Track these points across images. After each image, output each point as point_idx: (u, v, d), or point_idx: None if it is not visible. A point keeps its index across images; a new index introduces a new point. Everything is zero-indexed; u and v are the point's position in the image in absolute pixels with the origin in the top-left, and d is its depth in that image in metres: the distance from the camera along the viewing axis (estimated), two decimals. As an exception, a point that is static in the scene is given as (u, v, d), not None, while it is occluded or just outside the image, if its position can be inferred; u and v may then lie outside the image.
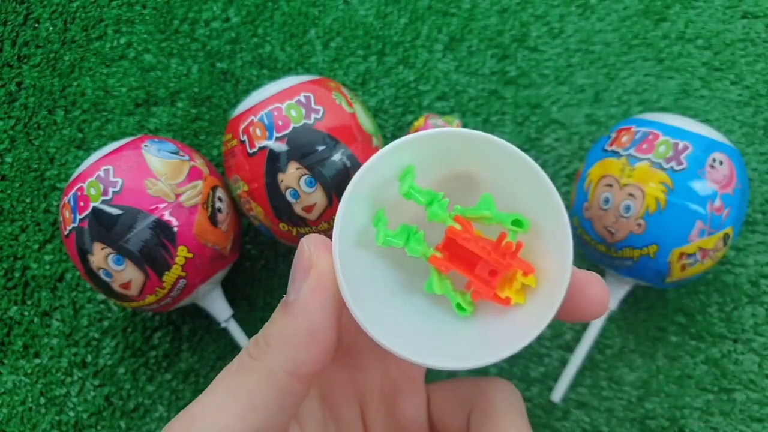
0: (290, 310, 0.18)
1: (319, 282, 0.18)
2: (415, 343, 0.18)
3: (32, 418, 0.37)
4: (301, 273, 0.18)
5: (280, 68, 0.41)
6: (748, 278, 0.37)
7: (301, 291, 0.18)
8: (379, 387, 0.22)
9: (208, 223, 0.32)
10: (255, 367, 0.18)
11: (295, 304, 0.18)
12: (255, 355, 0.18)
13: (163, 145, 0.33)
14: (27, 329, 0.39)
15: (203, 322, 0.38)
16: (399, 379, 0.22)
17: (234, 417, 0.17)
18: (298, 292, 0.18)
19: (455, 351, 0.18)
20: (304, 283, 0.18)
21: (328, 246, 0.18)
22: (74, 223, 0.31)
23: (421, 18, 0.42)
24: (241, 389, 0.18)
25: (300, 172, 0.31)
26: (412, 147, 0.18)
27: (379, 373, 0.23)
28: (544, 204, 0.18)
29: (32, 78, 0.42)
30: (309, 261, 0.18)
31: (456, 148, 0.19)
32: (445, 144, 0.19)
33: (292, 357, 0.18)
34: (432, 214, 0.18)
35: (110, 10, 0.43)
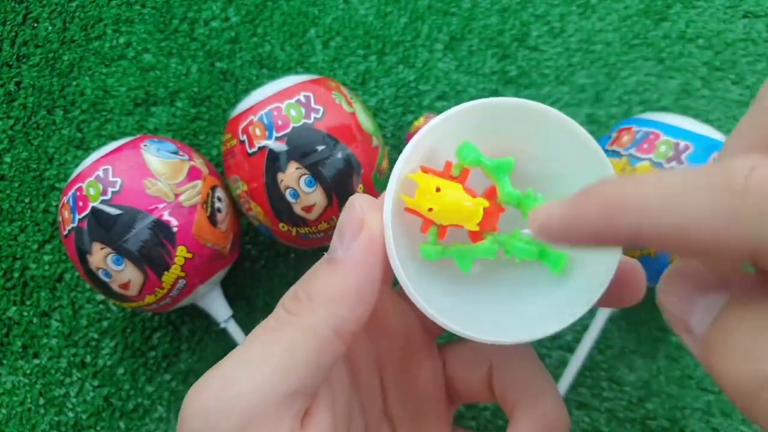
0: (338, 267, 0.17)
1: (371, 241, 0.17)
2: (467, 319, 0.18)
3: (31, 419, 0.37)
4: (352, 230, 0.17)
5: (279, 68, 0.41)
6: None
7: (352, 248, 0.17)
8: (399, 353, 0.22)
9: (208, 223, 0.32)
10: (296, 323, 0.17)
11: (345, 262, 0.17)
12: (296, 310, 0.17)
13: (163, 144, 0.33)
14: (26, 329, 0.38)
15: (203, 323, 0.38)
16: (418, 344, 0.22)
17: (274, 373, 0.16)
18: (348, 249, 0.17)
19: (504, 325, 0.18)
20: (354, 241, 0.17)
21: (378, 207, 0.18)
22: (73, 223, 0.31)
23: (422, 17, 0.42)
24: (281, 346, 0.17)
25: (300, 172, 0.31)
26: (464, 117, 0.18)
27: (401, 339, 0.22)
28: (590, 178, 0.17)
29: (31, 78, 0.42)
30: (361, 219, 0.17)
31: (507, 121, 0.18)
32: (499, 116, 0.18)
33: (338, 314, 0.17)
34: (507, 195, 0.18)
35: (109, 9, 0.43)
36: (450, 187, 0.18)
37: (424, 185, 0.18)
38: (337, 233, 0.18)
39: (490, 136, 0.19)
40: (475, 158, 0.18)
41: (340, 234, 0.18)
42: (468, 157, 0.18)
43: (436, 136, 0.18)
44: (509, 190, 0.18)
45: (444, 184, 0.18)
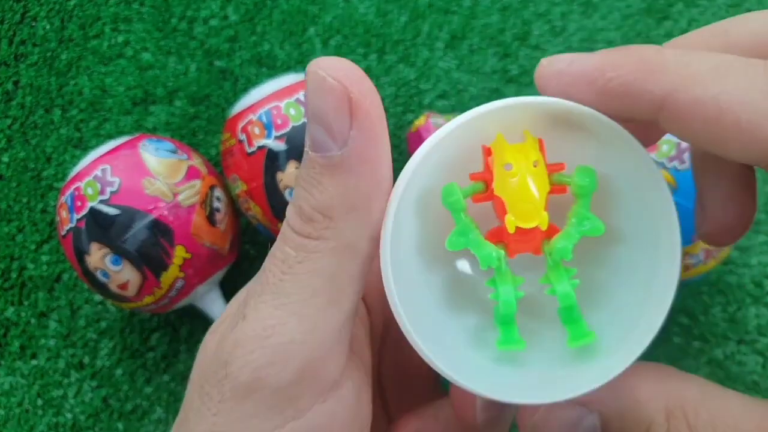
0: (343, 169, 0.14)
1: (370, 121, 0.14)
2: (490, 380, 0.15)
3: (29, 420, 0.37)
4: (340, 115, 0.14)
5: (279, 66, 0.41)
6: (751, 279, 0.36)
7: (351, 140, 0.14)
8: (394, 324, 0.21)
9: (206, 222, 0.32)
10: (326, 247, 0.14)
11: (348, 160, 0.14)
12: (317, 233, 0.14)
13: (161, 144, 0.33)
14: (24, 330, 0.38)
15: (201, 323, 0.37)
16: None
17: (326, 309, 0.14)
18: (344, 142, 0.14)
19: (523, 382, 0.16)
20: (349, 129, 0.14)
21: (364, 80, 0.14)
22: (71, 223, 0.31)
23: (422, 16, 0.41)
24: (321, 276, 0.14)
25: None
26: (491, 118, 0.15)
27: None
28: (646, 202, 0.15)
29: (29, 77, 0.42)
30: (345, 96, 0.14)
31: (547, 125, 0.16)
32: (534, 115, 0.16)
33: (368, 221, 0.14)
34: None
35: (108, 8, 0.42)
36: (540, 175, 0.15)
37: (529, 147, 0.15)
38: (319, 124, 0.14)
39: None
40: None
41: (324, 125, 0.14)
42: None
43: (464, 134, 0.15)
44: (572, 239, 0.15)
45: (541, 165, 0.15)
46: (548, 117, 0.16)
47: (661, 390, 0.15)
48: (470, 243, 0.16)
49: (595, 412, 0.15)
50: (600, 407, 0.15)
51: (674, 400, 0.15)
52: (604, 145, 0.16)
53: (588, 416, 0.15)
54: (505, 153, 0.15)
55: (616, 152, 0.16)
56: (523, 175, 0.15)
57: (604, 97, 0.14)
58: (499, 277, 0.16)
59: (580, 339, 0.15)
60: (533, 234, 0.15)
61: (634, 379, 0.15)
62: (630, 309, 0.16)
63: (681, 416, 0.15)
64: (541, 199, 0.15)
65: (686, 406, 0.15)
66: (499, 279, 0.16)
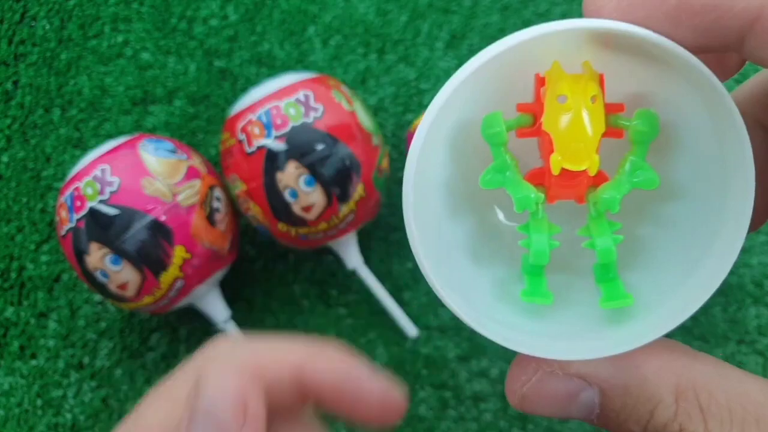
0: None
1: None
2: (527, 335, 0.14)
3: (29, 420, 0.37)
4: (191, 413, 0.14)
5: (278, 66, 0.41)
6: (752, 279, 0.36)
7: None
8: None
9: (206, 223, 0.32)
10: None
11: None
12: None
13: (161, 144, 0.32)
14: (23, 330, 0.38)
15: (201, 324, 0.37)
16: None
17: None
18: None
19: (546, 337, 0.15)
20: None
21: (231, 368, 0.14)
22: (71, 223, 0.31)
23: (422, 15, 0.41)
24: None
25: (299, 172, 0.31)
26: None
27: None
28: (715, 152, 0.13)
29: (29, 77, 0.42)
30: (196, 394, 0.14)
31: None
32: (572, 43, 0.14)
33: None
34: None
35: (107, 8, 0.42)
36: (596, 112, 0.13)
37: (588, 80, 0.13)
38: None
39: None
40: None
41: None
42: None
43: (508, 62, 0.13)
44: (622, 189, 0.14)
45: (599, 101, 0.13)
46: (607, 47, 0.14)
47: (671, 367, 0.14)
48: (507, 182, 0.14)
49: (595, 387, 0.14)
50: (601, 382, 0.14)
51: (686, 380, 0.13)
52: (671, 83, 0.14)
53: (586, 390, 0.14)
54: (560, 83, 0.14)
55: (685, 91, 0.14)
56: (578, 110, 0.13)
57: (681, 15, 0.12)
58: (533, 222, 0.14)
59: (614, 300, 0.14)
60: (579, 179, 0.14)
61: (642, 354, 0.14)
62: (676, 272, 0.14)
63: (692, 397, 0.13)
64: (595, 139, 0.13)
65: (699, 386, 0.13)
66: (534, 225, 0.14)
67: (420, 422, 0.36)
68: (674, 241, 0.15)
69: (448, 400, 0.36)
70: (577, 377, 0.14)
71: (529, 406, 0.15)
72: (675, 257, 0.15)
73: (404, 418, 0.36)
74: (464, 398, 0.36)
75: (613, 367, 0.14)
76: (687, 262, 0.14)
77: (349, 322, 0.37)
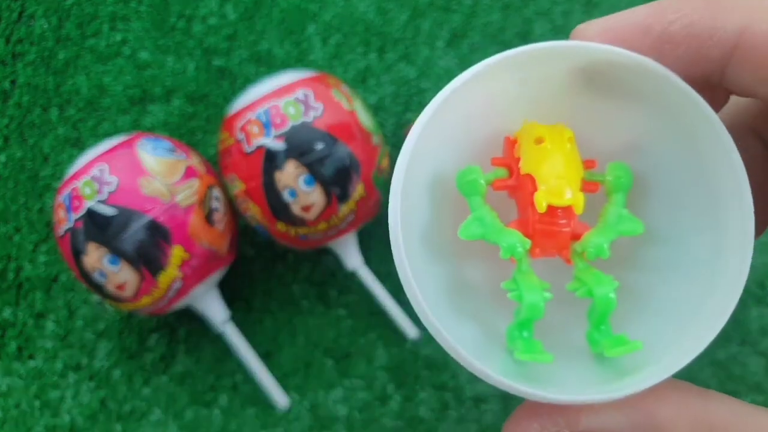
0: None
1: None
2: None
3: (26, 421, 0.37)
4: None
5: (278, 65, 0.41)
6: (754, 280, 0.36)
7: None
8: None
9: (204, 223, 0.31)
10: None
11: None
12: None
13: (159, 143, 0.32)
14: (21, 331, 0.38)
15: (200, 324, 0.37)
16: None
17: None
18: None
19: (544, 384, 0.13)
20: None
21: None
22: (69, 223, 0.30)
23: (422, 14, 0.41)
24: None
25: (298, 171, 0.30)
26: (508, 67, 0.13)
27: None
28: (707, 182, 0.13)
29: (26, 76, 0.41)
30: None
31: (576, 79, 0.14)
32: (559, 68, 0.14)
33: None
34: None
35: (105, 6, 0.42)
36: (573, 157, 0.13)
37: (563, 129, 0.14)
38: None
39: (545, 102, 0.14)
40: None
41: None
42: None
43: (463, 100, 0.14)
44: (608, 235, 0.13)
45: (574, 151, 0.13)
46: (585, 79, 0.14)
47: (685, 411, 0.13)
48: (488, 232, 0.14)
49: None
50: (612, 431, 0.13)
51: (701, 423, 0.13)
52: (653, 111, 0.13)
53: None
54: (535, 130, 0.14)
55: (669, 129, 0.13)
56: (558, 148, 0.13)
57: (664, 46, 0.12)
58: (520, 276, 0.14)
59: (621, 346, 0.13)
60: (562, 226, 0.13)
61: (654, 402, 0.13)
62: (677, 316, 0.14)
63: None
64: (577, 178, 0.13)
65: (715, 428, 0.13)
66: (521, 277, 0.14)
67: (420, 423, 0.35)
68: (668, 287, 0.14)
69: (449, 401, 0.36)
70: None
71: None
72: (673, 301, 0.14)
73: (404, 420, 0.35)
74: (465, 399, 0.36)
75: (625, 418, 0.13)
76: (686, 305, 0.14)
77: (349, 323, 0.36)
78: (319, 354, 0.37)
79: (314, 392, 0.36)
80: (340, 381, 0.36)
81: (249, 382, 0.36)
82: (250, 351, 0.35)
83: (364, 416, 0.35)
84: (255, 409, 0.36)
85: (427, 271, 0.15)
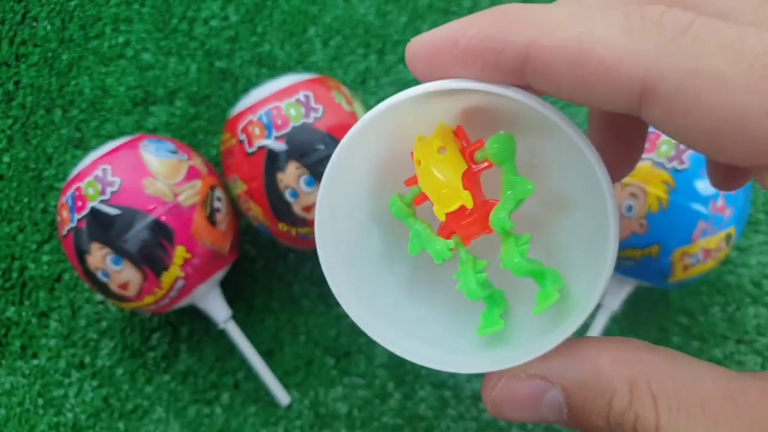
0: None
1: None
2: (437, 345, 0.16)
3: (30, 420, 0.37)
4: None
5: (279, 67, 0.41)
6: (750, 279, 0.36)
7: None
8: None
9: (207, 223, 0.32)
10: None
11: None
12: None
13: (162, 144, 0.33)
14: (25, 330, 0.38)
15: (202, 323, 0.37)
16: None
17: None
18: None
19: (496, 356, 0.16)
20: None
21: None
22: (72, 223, 0.31)
23: (422, 16, 0.41)
24: None
25: (299, 172, 0.31)
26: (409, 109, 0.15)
27: None
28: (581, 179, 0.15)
29: (30, 77, 0.42)
30: None
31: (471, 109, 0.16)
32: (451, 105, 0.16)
33: None
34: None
35: (108, 8, 0.42)
36: (448, 160, 0.16)
37: (433, 138, 0.16)
38: None
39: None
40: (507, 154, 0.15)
41: None
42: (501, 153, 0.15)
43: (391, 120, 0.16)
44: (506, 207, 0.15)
45: (450, 150, 0.16)
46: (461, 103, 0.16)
47: (623, 359, 0.15)
48: (425, 243, 0.16)
49: (557, 386, 0.15)
50: (561, 380, 0.15)
51: (638, 370, 0.14)
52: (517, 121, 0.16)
53: (550, 390, 0.15)
54: (416, 150, 0.16)
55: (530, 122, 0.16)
56: (427, 166, 0.16)
57: (468, 59, 0.14)
58: (461, 265, 0.16)
59: (540, 304, 0.16)
60: (466, 216, 0.16)
61: (594, 351, 0.15)
62: (580, 276, 0.16)
63: (645, 386, 0.14)
64: (456, 180, 0.16)
65: (650, 375, 0.14)
66: (462, 269, 0.16)
67: (420, 421, 0.36)
68: (572, 249, 0.17)
69: (448, 399, 0.36)
70: (538, 377, 0.15)
71: (501, 411, 0.16)
72: (576, 262, 0.17)
73: (404, 417, 0.36)
74: (464, 397, 0.36)
75: (569, 363, 0.15)
76: (584, 270, 0.16)
77: (349, 322, 0.37)
78: (319, 352, 0.37)
79: (315, 390, 0.36)
80: (341, 379, 0.36)
81: (250, 380, 0.36)
82: (251, 349, 0.35)
83: (364, 414, 0.36)
84: (256, 407, 0.36)
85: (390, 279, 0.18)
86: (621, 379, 0.14)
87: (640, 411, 0.14)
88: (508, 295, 0.17)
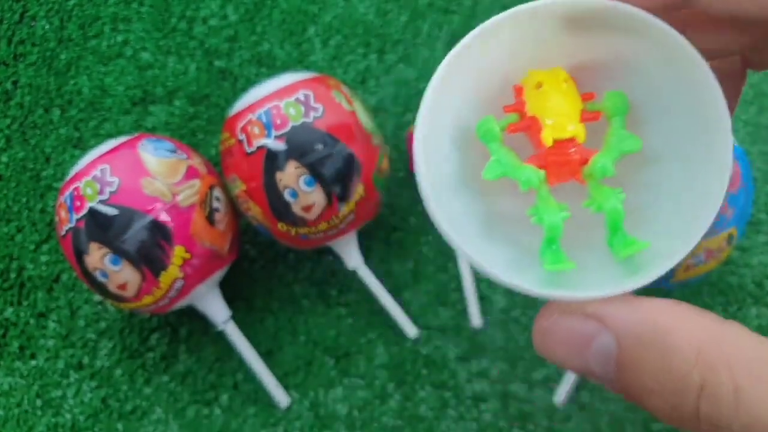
0: None
1: None
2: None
3: (28, 420, 0.37)
4: None
5: (278, 66, 0.41)
6: (752, 279, 0.36)
7: None
8: None
9: (206, 223, 0.32)
10: None
11: None
12: None
13: (160, 143, 0.32)
14: (23, 330, 0.38)
15: (201, 324, 0.37)
16: None
17: None
18: None
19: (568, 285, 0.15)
20: None
21: None
22: (70, 223, 0.31)
23: (422, 16, 0.41)
24: None
25: (299, 172, 0.31)
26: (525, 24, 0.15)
27: None
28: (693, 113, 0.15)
29: (28, 76, 0.42)
30: None
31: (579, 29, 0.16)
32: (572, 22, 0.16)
33: None
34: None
35: (107, 7, 0.42)
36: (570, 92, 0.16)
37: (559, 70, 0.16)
38: None
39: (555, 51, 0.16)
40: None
41: None
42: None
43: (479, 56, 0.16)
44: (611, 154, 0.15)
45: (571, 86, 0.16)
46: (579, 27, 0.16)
47: (691, 318, 0.13)
48: (508, 169, 0.16)
49: (612, 333, 0.14)
50: (617, 328, 0.14)
51: (708, 332, 0.13)
52: (642, 53, 0.15)
53: (602, 334, 0.14)
54: (535, 76, 0.16)
55: (657, 58, 0.15)
56: (554, 89, 0.15)
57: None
58: (540, 201, 0.16)
59: (629, 247, 0.15)
60: (571, 155, 0.15)
61: (658, 307, 0.14)
62: (670, 231, 0.16)
63: (716, 349, 0.13)
64: (575, 111, 0.15)
65: (725, 339, 0.13)
66: (541, 203, 0.16)
67: (420, 422, 0.36)
68: (664, 205, 0.16)
69: (448, 400, 0.36)
70: (594, 318, 0.14)
71: (547, 346, 0.15)
72: (666, 220, 0.16)
73: (404, 418, 0.36)
74: (464, 398, 0.36)
75: (629, 312, 0.14)
76: (677, 224, 0.16)
77: (349, 322, 0.37)
78: (319, 353, 0.37)
79: (315, 391, 0.36)
80: (341, 380, 0.36)
81: (250, 381, 0.36)
82: (250, 350, 0.35)
83: (364, 415, 0.36)
84: (255, 408, 0.36)
85: (460, 210, 0.17)
86: (686, 341, 0.13)
87: (708, 376, 0.13)
88: (576, 246, 0.17)
